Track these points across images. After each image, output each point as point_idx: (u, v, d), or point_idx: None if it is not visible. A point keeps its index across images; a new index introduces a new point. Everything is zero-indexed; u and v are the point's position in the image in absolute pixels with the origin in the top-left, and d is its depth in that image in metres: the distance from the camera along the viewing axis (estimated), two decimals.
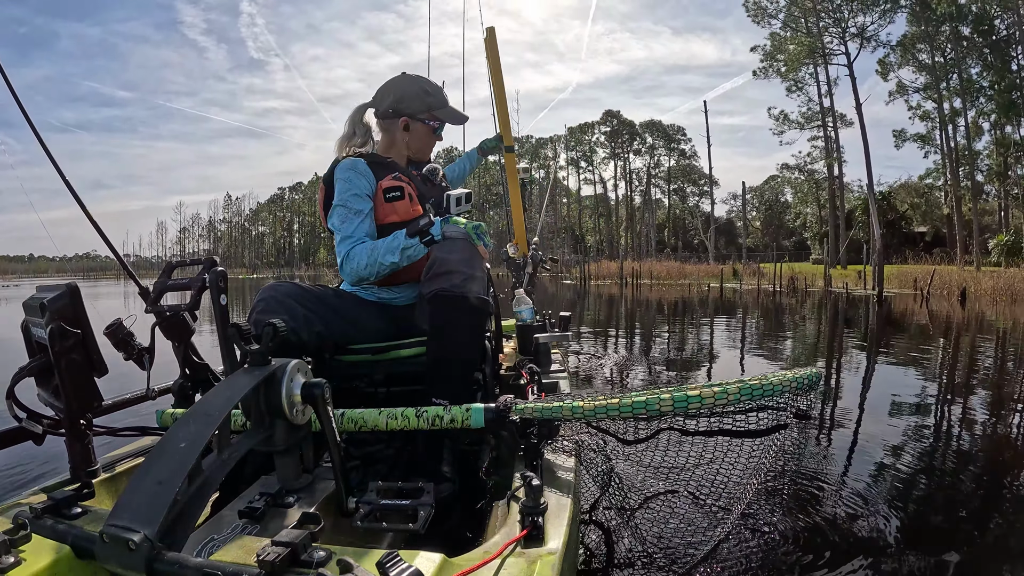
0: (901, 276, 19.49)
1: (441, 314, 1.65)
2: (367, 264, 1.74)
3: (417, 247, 1.73)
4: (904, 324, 10.38)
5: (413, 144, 2.03)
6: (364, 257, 1.74)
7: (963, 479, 2.79)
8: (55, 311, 1.20)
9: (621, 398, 1.33)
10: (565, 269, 38.83)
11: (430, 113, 2.00)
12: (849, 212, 37.03)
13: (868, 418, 3.89)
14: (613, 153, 58.55)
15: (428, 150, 2.08)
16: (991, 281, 16.53)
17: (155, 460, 0.85)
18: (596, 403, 1.34)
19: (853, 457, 3.08)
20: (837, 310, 13.22)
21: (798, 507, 2.37)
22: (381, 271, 1.75)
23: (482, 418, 1.37)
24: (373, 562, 0.76)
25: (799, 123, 37.16)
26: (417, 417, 1.40)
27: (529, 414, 1.37)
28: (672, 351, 7.29)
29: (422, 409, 1.41)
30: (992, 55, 27.94)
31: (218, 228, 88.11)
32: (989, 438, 3.44)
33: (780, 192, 55.04)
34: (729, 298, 17.54)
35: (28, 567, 0.85)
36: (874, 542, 2.11)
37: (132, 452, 1.50)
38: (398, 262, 1.73)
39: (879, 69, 32.64)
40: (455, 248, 1.68)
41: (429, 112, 2.00)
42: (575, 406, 1.35)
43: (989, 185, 32.14)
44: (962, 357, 6.80)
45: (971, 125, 30.07)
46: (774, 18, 34.48)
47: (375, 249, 1.74)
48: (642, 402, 1.30)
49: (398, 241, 1.73)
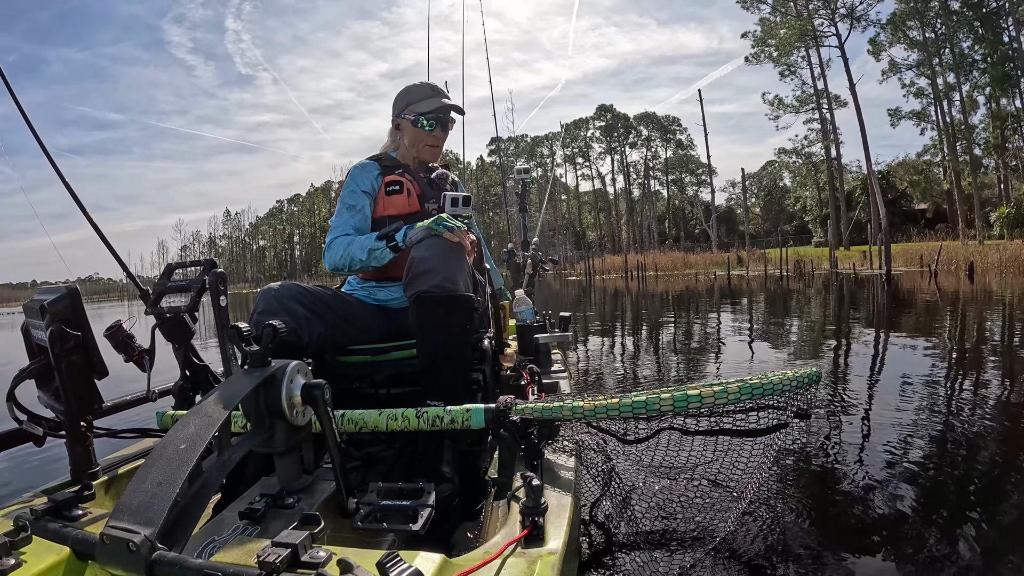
0: (906, 254, 19.48)
1: (424, 315, 1.66)
2: (341, 256, 1.83)
3: (383, 250, 1.78)
4: (916, 301, 10.34)
5: (406, 141, 2.10)
6: (340, 249, 1.84)
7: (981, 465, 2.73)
8: (55, 313, 1.20)
9: (621, 398, 1.33)
10: (569, 266, 38.92)
11: (409, 108, 2.07)
12: (848, 193, 37.00)
13: (902, 402, 3.82)
14: (609, 147, 58.67)
15: (424, 145, 2.09)
16: (997, 254, 16.49)
17: (155, 462, 0.85)
18: (596, 403, 1.34)
19: (869, 447, 3.01)
20: (846, 291, 13.19)
21: (801, 505, 2.35)
22: (353, 265, 1.83)
23: (482, 418, 1.38)
24: (373, 562, 0.76)
25: (794, 107, 37.08)
26: (417, 418, 1.40)
27: (529, 414, 1.37)
28: (687, 341, 7.26)
29: (422, 410, 1.42)
30: (983, 28, 27.85)
31: (219, 244, 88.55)
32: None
33: (778, 177, 55.07)
34: (736, 285, 17.51)
35: (29, 569, 0.84)
36: (882, 538, 2.07)
37: (132, 454, 1.50)
38: (366, 260, 1.79)
39: (871, 49, 32.66)
40: (433, 246, 1.68)
41: (408, 107, 2.07)
42: (575, 406, 1.36)
43: (987, 158, 32.02)
44: (990, 329, 6.69)
45: (966, 99, 29.99)
46: (763, 3, 34.48)
47: (351, 243, 1.83)
48: (642, 402, 1.30)
49: (369, 241, 1.79)
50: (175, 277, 1.49)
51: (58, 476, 1.33)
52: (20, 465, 2.67)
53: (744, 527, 2.17)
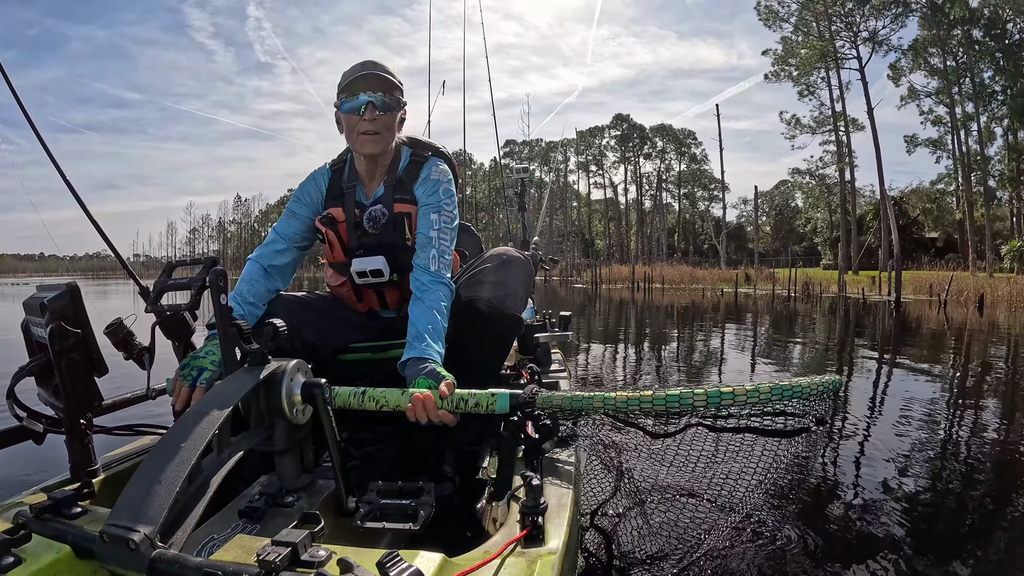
0: (916, 282, 19.36)
1: (480, 324, 1.62)
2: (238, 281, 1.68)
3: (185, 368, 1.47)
4: (925, 330, 10.28)
5: (345, 135, 1.73)
6: (242, 276, 1.70)
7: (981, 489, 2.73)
8: (55, 310, 1.20)
9: (655, 391, 1.31)
10: (576, 273, 38.81)
11: (339, 95, 1.70)
12: (860, 217, 36.84)
13: (907, 426, 3.82)
14: (623, 157, 58.58)
15: (357, 135, 1.67)
16: (1007, 287, 16.36)
17: (155, 460, 0.85)
18: (629, 395, 1.32)
19: (878, 463, 3.02)
20: (856, 316, 13.12)
21: (806, 513, 2.35)
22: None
23: (507, 404, 1.34)
24: (373, 562, 0.75)
25: (811, 127, 37.03)
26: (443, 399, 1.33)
27: (557, 403, 1.34)
28: (688, 355, 7.24)
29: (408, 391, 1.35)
30: (1004, 59, 27.72)
31: (228, 229, 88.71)
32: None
33: (791, 197, 54.86)
34: (743, 303, 17.43)
35: (28, 567, 0.84)
36: (882, 549, 2.08)
37: (132, 452, 1.51)
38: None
39: (890, 74, 32.55)
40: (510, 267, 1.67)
41: (338, 95, 1.70)
42: (607, 396, 1.33)
43: (1001, 191, 31.77)
44: (997, 365, 6.65)
45: (983, 130, 29.83)
46: (785, 22, 34.41)
47: (243, 277, 1.69)
48: (676, 396, 1.29)
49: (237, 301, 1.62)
50: (175, 275, 1.48)
51: (58, 474, 1.33)
52: (19, 463, 2.68)
53: (747, 530, 2.17)
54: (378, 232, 1.70)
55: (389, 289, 1.76)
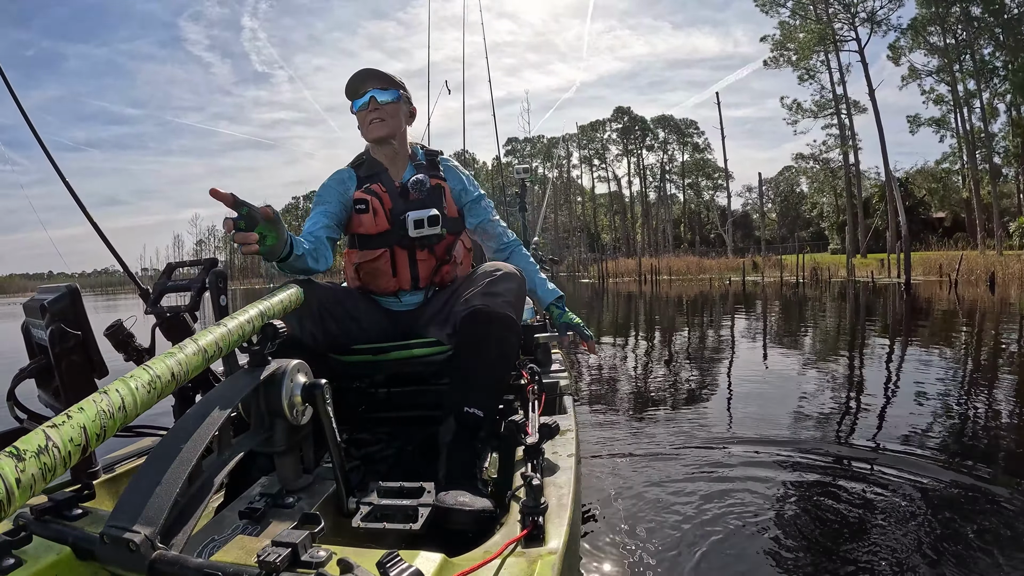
0: (925, 263, 19.28)
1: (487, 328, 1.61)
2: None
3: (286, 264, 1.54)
4: (937, 311, 10.23)
5: (361, 131, 1.92)
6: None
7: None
8: (55, 312, 1.20)
9: None
10: (583, 268, 38.81)
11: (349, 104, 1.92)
12: (866, 200, 36.72)
13: (921, 407, 3.80)
14: (626, 150, 58.50)
15: (367, 127, 1.87)
16: (1018, 265, 16.26)
17: (155, 461, 0.85)
18: None
19: (880, 459, 2.96)
20: (866, 299, 13.06)
21: (809, 512, 2.33)
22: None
23: None
24: (373, 562, 0.75)
25: (812, 111, 36.90)
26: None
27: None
28: (700, 347, 7.22)
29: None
30: (1004, 34, 27.54)
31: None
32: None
33: (795, 183, 54.65)
34: (752, 292, 17.39)
35: (29, 568, 0.84)
36: (890, 549, 2.05)
37: (132, 453, 1.51)
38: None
39: (890, 54, 32.42)
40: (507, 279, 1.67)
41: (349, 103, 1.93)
42: None
43: (1007, 167, 31.57)
44: (1011, 343, 6.59)
45: (986, 107, 29.66)
46: (782, 6, 34.28)
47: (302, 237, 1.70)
48: None
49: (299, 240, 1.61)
50: (175, 276, 1.48)
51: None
52: None
53: (746, 531, 2.16)
54: (423, 197, 1.84)
55: (438, 247, 1.85)
